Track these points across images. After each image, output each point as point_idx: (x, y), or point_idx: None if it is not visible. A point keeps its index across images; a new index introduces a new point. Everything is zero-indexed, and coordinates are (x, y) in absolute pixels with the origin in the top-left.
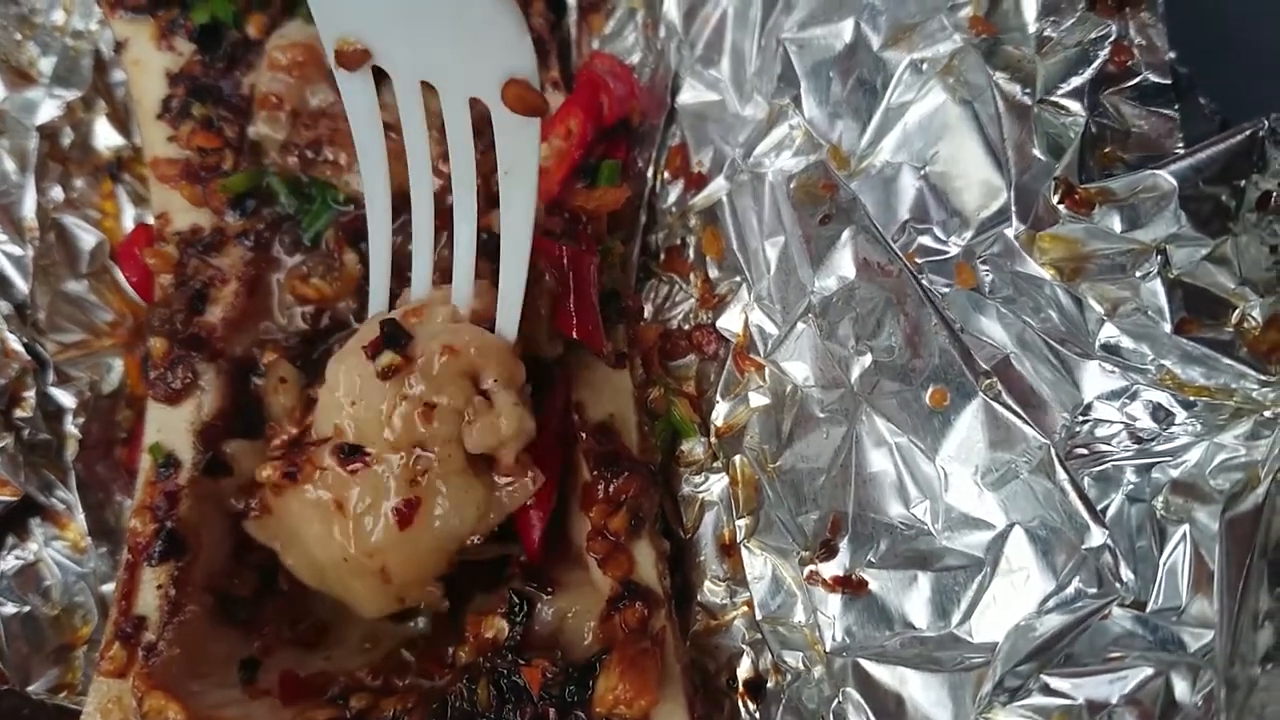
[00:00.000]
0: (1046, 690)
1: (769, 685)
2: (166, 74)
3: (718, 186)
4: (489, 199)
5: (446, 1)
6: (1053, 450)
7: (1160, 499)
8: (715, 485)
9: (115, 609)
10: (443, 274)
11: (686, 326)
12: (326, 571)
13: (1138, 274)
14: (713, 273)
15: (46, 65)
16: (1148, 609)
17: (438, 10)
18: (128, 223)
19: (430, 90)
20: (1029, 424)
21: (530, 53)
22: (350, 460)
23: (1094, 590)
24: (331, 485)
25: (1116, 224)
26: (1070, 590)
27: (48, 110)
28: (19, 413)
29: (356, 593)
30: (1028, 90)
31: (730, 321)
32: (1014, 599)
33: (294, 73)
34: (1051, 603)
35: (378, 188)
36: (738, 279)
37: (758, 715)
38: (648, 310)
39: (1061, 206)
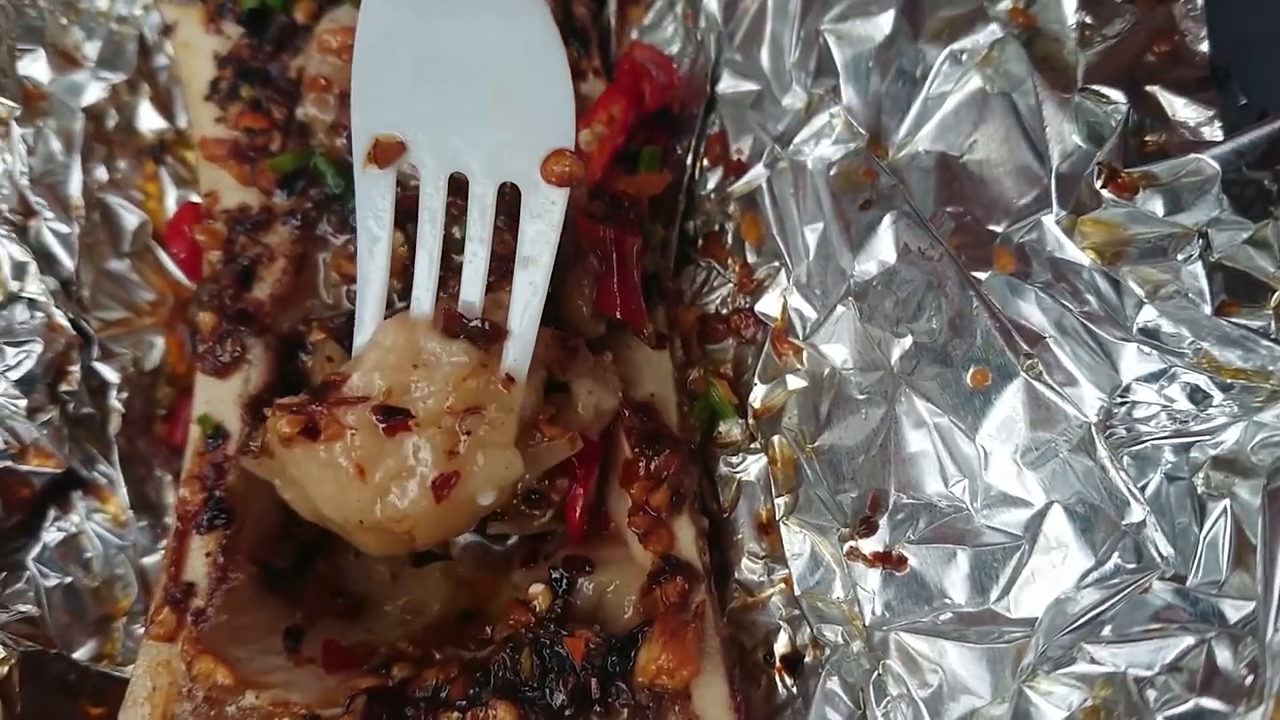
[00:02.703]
0: (1090, 659)
1: (806, 660)
2: (214, 56)
3: (757, 174)
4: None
5: (498, 83)
6: (1093, 429)
7: (1200, 476)
8: (752, 466)
9: (164, 575)
10: None
11: (724, 311)
12: (330, 521)
13: (1179, 257)
14: (751, 258)
15: (91, 49)
16: (1188, 582)
17: (487, 94)
18: (170, 204)
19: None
20: (1070, 403)
21: (574, 122)
22: (391, 423)
23: (1133, 565)
24: (359, 447)
25: (1159, 208)
26: (1109, 565)
27: (93, 93)
28: (64, 386)
29: (362, 542)
30: (1068, 80)
31: (768, 306)
32: (1053, 575)
33: (343, 56)
34: (1091, 577)
35: (373, 302)
36: (776, 264)
37: (795, 690)
38: (685, 295)
39: (1105, 191)
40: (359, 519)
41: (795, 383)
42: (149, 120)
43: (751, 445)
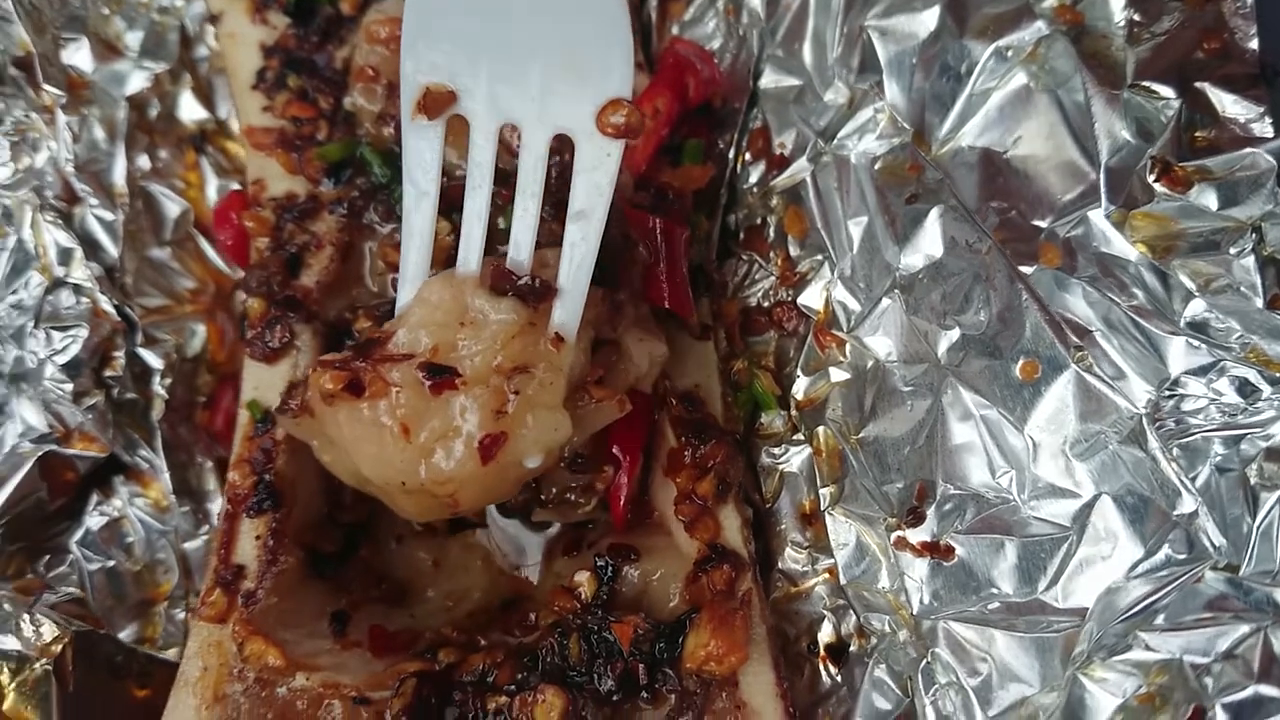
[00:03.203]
0: (1145, 646)
1: (851, 649)
2: (260, 46)
3: (800, 167)
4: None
5: (555, 30)
6: (1144, 420)
7: (1253, 468)
8: (795, 457)
9: (215, 557)
10: None
11: (765, 304)
12: (370, 484)
13: (1231, 251)
14: (794, 251)
15: (133, 39)
16: (1241, 572)
17: (543, 42)
18: (211, 193)
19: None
20: (1120, 395)
21: (632, 72)
22: (437, 381)
23: (1184, 555)
24: (404, 405)
25: (1212, 202)
26: (1160, 556)
27: (136, 82)
28: (109, 372)
29: (402, 504)
30: (1117, 76)
31: (811, 299)
32: (1102, 565)
33: (391, 46)
34: (1141, 568)
35: (417, 260)
36: (819, 257)
37: (839, 679)
38: (727, 288)
39: (1158, 185)
40: (401, 480)
41: (838, 375)
42: (190, 110)
43: (794, 437)
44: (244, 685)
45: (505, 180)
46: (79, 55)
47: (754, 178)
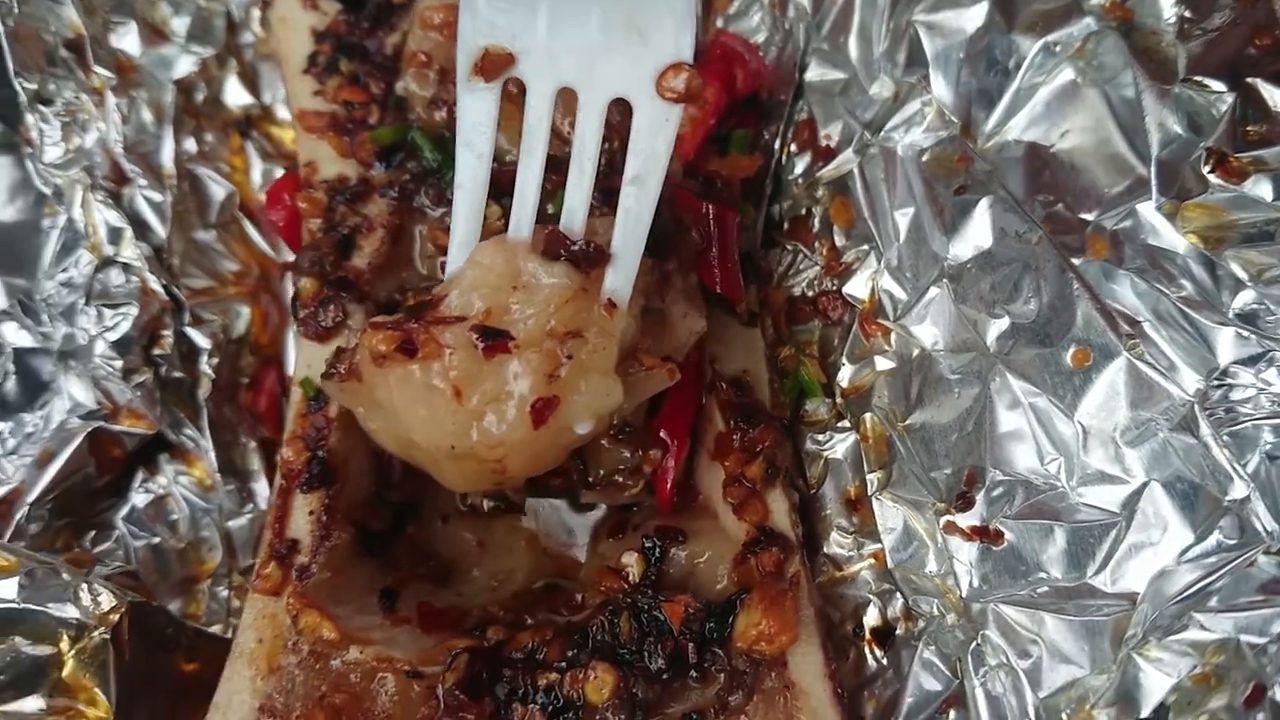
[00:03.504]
0: (1200, 627)
1: (898, 632)
2: (312, 31)
3: (846, 159)
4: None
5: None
6: (1195, 407)
7: None
8: (839, 444)
9: (269, 531)
10: None
11: (810, 293)
12: (417, 449)
13: None
14: (839, 241)
15: (179, 24)
16: None
17: (607, 3)
18: (256, 177)
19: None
20: (1172, 382)
21: (694, 35)
22: (490, 344)
23: (1235, 540)
24: (457, 367)
25: (1267, 193)
26: (1211, 541)
27: (183, 66)
28: (157, 350)
29: (448, 473)
30: (1168, 71)
31: (855, 288)
32: (1151, 551)
33: (444, 31)
34: (1192, 553)
35: (469, 219)
36: (866, 247)
37: (885, 661)
38: (773, 276)
39: (1213, 176)
40: (451, 444)
41: (883, 363)
42: (236, 95)
43: (838, 424)
44: (298, 657)
45: (555, 166)
46: (127, 39)
47: (799, 169)
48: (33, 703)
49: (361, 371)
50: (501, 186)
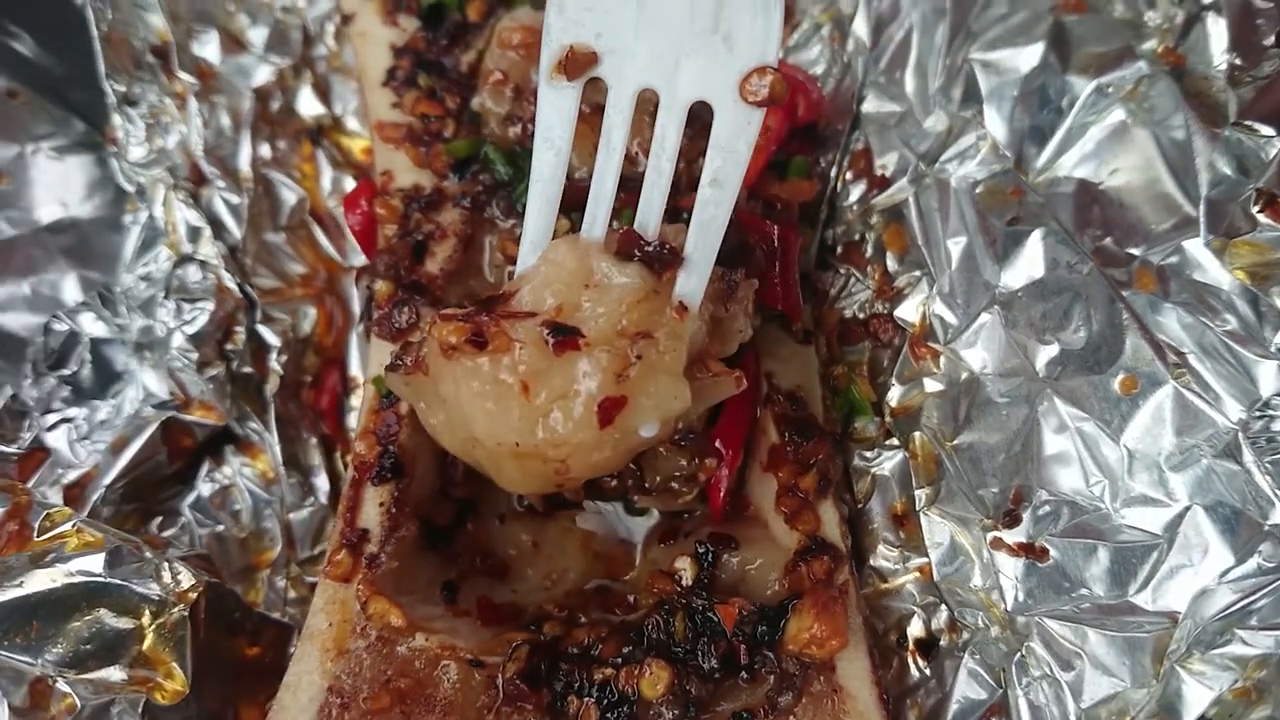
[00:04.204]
0: (1242, 643)
1: (942, 643)
2: (391, 47)
3: (901, 188)
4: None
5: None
6: (1240, 435)
7: None
8: (887, 461)
9: (341, 521)
10: None
11: (861, 315)
12: (478, 447)
13: None
14: (892, 266)
15: (256, 35)
16: None
17: (695, 5)
18: (325, 183)
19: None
20: (1216, 410)
21: (780, 39)
22: (561, 339)
23: (1275, 564)
24: (526, 362)
25: None
26: (1251, 564)
27: (261, 75)
28: (230, 346)
29: (508, 472)
30: (1218, 115)
31: (907, 312)
32: (1192, 571)
33: (521, 52)
34: (1232, 575)
35: (543, 215)
36: (918, 273)
37: (928, 671)
38: (827, 298)
39: (1262, 216)
40: (515, 441)
41: (932, 385)
42: (309, 105)
43: (887, 442)
44: (366, 642)
45: (625, 185)
46: (209, 47)
47: (854, 196)
48: (116, 673)
49: (428, 364)
50: (570, 201)
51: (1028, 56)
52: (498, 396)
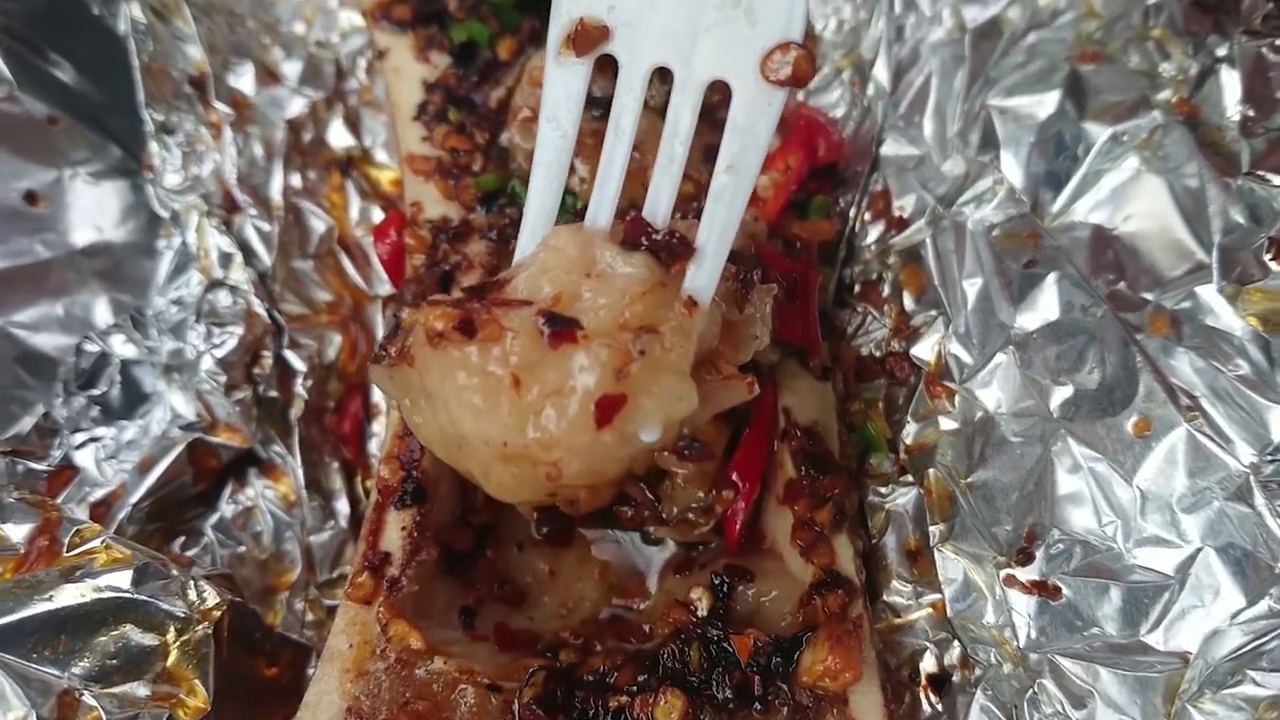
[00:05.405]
0: (1253, 683)
1: (954, 679)
2: (423, 82)
3: (919, 229)
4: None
5: None
6: (1251, 478)
7: None
8: (901, 497)
9: (363, 544)
10: None
11: (878, 353)
12: (465, 446)
13: None
14: (908, 305)
15: (290, 68)
16: None
17: None
18: (354, 213)
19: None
20: (1228, 453)
21: (806, 14)
22: (557, 330)
23: None
24: (518, 354)
25: None
26: (1262, 606)
27: (295, 107)
28: (257, 370)
29: (497, 477)
30: (1231, 165)
31: (922, 351)
32: (1203, 613)
33: None
34: (1243, 616)
35: (545, 199)
36: (934, 313)
37: (939, 707)
38: (845, 336)
39: (1274, 264)
40: (503, 441)
41: (947, 423)
42: (339, 137)
43: (901, 478)
44: (385, 664)
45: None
46: (244, 79)
47: (872, 236)
48: (140, 688)
49: (413, 354)
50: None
51: (1045, 104)
52: (486, 390)
